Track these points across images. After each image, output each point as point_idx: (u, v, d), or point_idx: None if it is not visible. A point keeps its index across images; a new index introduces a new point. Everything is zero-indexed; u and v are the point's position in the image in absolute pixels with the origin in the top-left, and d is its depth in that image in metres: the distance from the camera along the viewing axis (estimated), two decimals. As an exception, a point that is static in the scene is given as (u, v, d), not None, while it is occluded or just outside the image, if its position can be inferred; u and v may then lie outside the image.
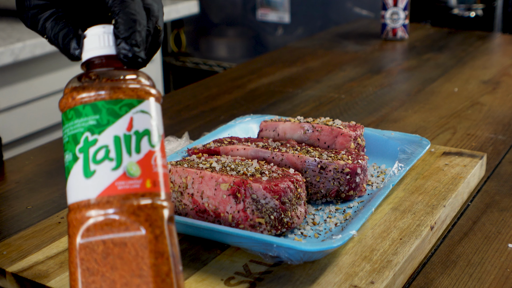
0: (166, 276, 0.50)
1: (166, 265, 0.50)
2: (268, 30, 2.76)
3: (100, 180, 0.50)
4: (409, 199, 0.81)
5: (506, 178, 0.94)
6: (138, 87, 0.53)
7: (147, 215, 0.50)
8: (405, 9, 1.80)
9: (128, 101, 0.52)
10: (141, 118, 0.52)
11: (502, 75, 1.47)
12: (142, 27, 0.56)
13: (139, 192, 0.51)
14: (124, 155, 0.51)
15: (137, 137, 0.52)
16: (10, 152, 1.70)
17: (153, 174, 0.52)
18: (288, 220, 0.72)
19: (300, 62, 1.64)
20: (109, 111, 0.51)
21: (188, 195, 0.74)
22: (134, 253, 0.49)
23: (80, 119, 0.52)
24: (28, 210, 0.86)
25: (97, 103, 0.52)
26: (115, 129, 0.51)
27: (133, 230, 0.50)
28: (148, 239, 0.50)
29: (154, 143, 0.53)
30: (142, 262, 0.49)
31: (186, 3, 2.28)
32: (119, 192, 0.50)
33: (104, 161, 0.51)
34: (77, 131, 0.52)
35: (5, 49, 1.65)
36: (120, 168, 0.51)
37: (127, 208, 0.50)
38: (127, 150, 0.51)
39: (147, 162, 0.52)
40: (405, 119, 1.20)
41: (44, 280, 0.67)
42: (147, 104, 0.53)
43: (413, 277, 0.71)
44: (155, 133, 0.53)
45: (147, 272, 0.49)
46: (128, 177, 0.51)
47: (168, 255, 0.50)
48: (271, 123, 0.92)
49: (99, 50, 0.55)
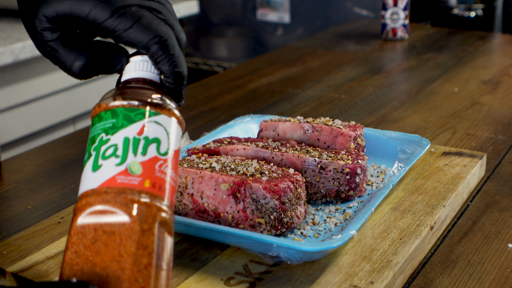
0: (144, 268, 0.51)
1: (146, 258, 0.52)
2: (268, 30, 2.76)
3: (104, 173, 0.53)
4: (409, 199, 0.81)
5: (506, 178, 0.94)
6: (159, 102, 0.56)
7: (139, 210, 0.52)
8: (405, 9, 1.80)
9: (144, 111, 0.56)
10: (154, 128, 0.56)
11: (502, 75, 1.47)
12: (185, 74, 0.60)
13: (136, 188, 0.53)
14: (130, 154, 0.54)
15: (145, 141, 0.55)
16: (9, 152, 1.70)
17: (155, 177, 0.54)
18: (288, 220, 0.72)
19: (300, 62, 1.64)
20: (125, 116, 0.55)
21: (188, 195, 0.74)
22: (119, 241, 0.51)
23: (100, 123, 0.56)
24: (28, 210, 0.86)
25: (117, 109, 0.56)
26: (127, 132, 0.55)
27: (121, 220, 0.52)
28: (134, 230, 0.52)
29: (163, 152, 0.55)
30: (123, 250, 0.51)
31: (186, 3, 2.28)
32: (117, 185, 0.53)
33: (111, 157, 0.54)
34: (95, 133, 0.56)
35: (5, 49, 1.65)
36: (124, 164, 0.54)
37: (121, 200, 0.52)
38: (133, 150, 0.54)
39: (150, 165, 0.54)
40: (405, 119, 1.20)
41: (44, 280, 0.67)
42: (164, 118, 0.56)
43: (413, 277, 0.71)
44: (166, 144, 0.56)
45: (125, 259, 0.51)
46: (129, 173, 0.53)
47: (151, 251, 0.52)
48: (271, 123, 0.92)
49: (138, 73, 0.59)
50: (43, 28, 0.59)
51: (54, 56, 0.61)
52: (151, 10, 0.59)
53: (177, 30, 0.60)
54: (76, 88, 1.91)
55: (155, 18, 0.58)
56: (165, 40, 0.57)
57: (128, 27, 0.57)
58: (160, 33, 0.57)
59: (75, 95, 1.91)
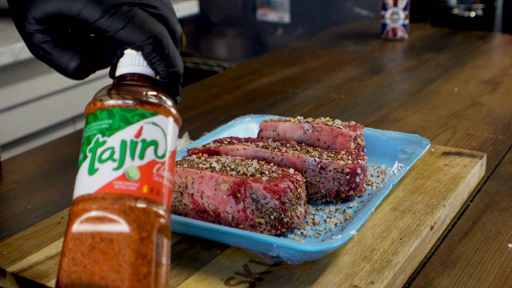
0: (143, 278, 0.51)
1: (146, 267, 0.51)
2: (268, 30, 2.76)
3: (101, 177, 0.52)
4: (409, 199, 0.81)
5: (506, 178, 0.94)
6: (156, 102, 0.55)
7: (137, 217, 0.52)
8: (405, 9, 1.80)
9: (141, 112, 0.55)
10: (151, 129, 0.55)
11: (502, 75, 1.47)
12: (181, 72, 0.59)
13: (134, 194, 0.52)
14: (127, 158, 0.53)
15: (143, 144, 0.54)
16: (9, 152, 1.70)
17: (153, 182, 0.53)
18: (288, 220, 0.72)
19: (300, 62, 1.64)
20: (122, 117, 0.54)
21: (188, 195, 0.74)
22: (117, 250, 0.51)
23: (96, 123, 0.55)
24: (28, 210, 0.86)
25: (113, 109, 0.54)
26: (124, 134, 0.54)
27: (120, 228, 0.51)
28: (133, 238, 0.51)
29: (160, 155, 0.55)
30: (122, 259, 0.50)
31: (186, 3, 2.28)
32: (115, 191, 0.52)
33: (108, 161, 0.53)
34: (91, 133, 0.55)
35: (5, 49, 1.65)
36: (121, 169, 0.53)
37: (119, 207, 0.52)
38: (131, 154, 0.53)
39: (148, 169, 0.53)
40: (405, 119, 1.20)
41: (44, 280, 0.67)
42: (161, 119, 0.55)
43: (413, 277, 0.71)
44: (163, 146, 0.55)
45: (125, 269, 0.50)
46: (126, 179, 0.52)
47: (150, 259, 0.51)
48: (271, 123, 0.92)
49: (133, 68, 0.57)
50: (34, 31, 0.58)
51: (48, 59, 0.60)
52: (144, 6, 0.57)
53: (172, 23, 0.59)
54: (76, 88, 1.91)
55: (148, 16, 0.57)
56: (159, 41, 0.56)
57: (120, 28, 0.56)
58: (153, 33, 0.56)
59: (75, 95, 1.91)
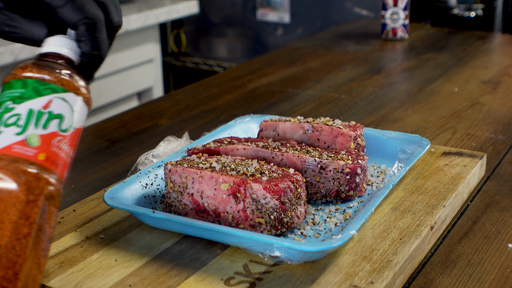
0: (22, 237, 0.53)
1: (27, 228, 0.53)
2: (268, 30, 2.76)
3: (2, 140, 0.55)
4: (409, 199, 0.81)
5: (506, 178, 0.94)
6: (69, 79, 0.59)
7: (28, 180, 0.54)
8: (405, 9, 1.80)
9: (54, 86, 0.58)
10: (60, 104, 0.58)
11: (502, 75, 1.47)
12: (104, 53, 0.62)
13: (30, 159, 0.55)
14: (31, 125, 0.56)
15: (49, 116, 0.57)
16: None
17: (51, 152, 0.56)
18: (288, 220, 0.72)
19: (300, 62, 1.65)
20: (35, 88, 0.57)
21: (188, 195, 0.74)
22: (3, 208, 0.53)
23: (9, 91, 0.58)
24: (28, 210, 0.86)
25: (28, 80, 0.58)
26: (33, 104, 0.57)
27: (9, 187, 0.53)
28: (20, 199, 0.53)
29: (64, 129, 0.57)
30: (6, 217, 0.53)
31: (186, 3, 2.28)
32: (12, 153, 0.55)
33: (12, 126, 0.56)
34: (2, 100, 0.58)
35: (5, 49, 1.65)
36: (23, 135, 0.55)
37: (13, 168, 0.54)
38: (35, 122, 0.56)
39: (48, 139, 0.56)
40: (405, 119, 1.20)
41: (44, 280, 0.67)
42: (72, 96, 0.58)
43: (413, 277, 0.71)
44: (68, 122, 0.58)
45: (6, 226, 0.52)
46: (26, 144, 0.55)
47: (33, 222, 0.53)
48: (271, 123, 0.93)
49: (58, 48, 0.61)
50: None
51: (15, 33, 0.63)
52: None
53: (111, 13, 0.62)
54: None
55: (91, 1, 0.61)
56: (93, 23, 0.60)
57: (62, 4, 0.59)
58: (89, 15, 0.60)
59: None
